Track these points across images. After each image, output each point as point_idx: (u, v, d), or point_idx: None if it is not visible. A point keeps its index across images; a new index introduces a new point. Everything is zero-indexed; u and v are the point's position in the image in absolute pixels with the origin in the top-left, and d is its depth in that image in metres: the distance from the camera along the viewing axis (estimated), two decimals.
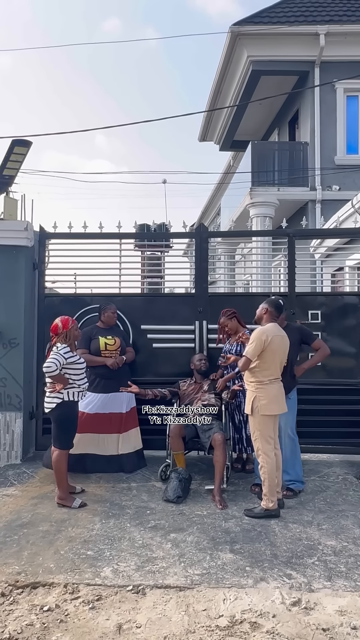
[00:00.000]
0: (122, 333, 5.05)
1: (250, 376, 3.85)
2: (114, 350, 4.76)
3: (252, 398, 3.81)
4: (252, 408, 3.79)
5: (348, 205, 7.40)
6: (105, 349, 4.73)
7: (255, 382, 3.82)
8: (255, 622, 2.50)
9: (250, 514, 3.76)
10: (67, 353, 3.97)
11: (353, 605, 2.64)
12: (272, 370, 3.82)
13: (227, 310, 4.80)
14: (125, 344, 4.94)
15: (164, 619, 2.54)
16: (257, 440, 3.81)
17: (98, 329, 4.87)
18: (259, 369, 3.79)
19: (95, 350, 4.70)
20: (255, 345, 3.75)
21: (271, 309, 3.94)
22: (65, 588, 2.81)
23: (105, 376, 4.67)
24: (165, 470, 4.50)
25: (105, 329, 4.88)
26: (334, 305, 5.38)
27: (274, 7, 11.16)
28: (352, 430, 5.18)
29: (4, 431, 5.09)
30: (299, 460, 4.32)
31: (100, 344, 4.72)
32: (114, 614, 2.59)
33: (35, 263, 5.45)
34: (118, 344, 4.79)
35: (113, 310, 4.92)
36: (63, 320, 4.10)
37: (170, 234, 5.92)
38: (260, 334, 3.78)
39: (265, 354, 3.76)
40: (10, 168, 5.34)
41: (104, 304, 4.97)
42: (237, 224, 7.74)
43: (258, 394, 3.78)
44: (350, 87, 11.05)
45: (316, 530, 3.56)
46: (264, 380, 3.79)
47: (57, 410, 3.97)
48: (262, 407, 3.76)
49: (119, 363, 4.70)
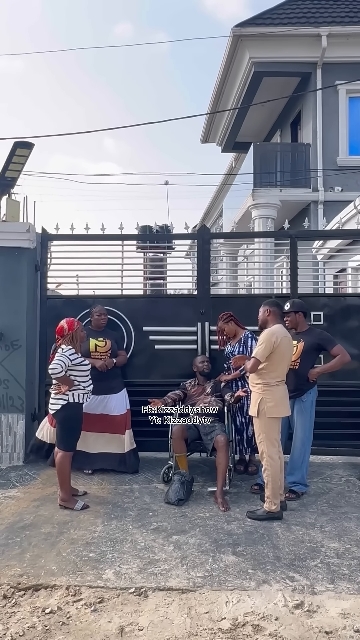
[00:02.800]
0: (115, 336, 5.02)
1: (257, 378, 3.82)
2: (104, 352, 4.76)
3: (258, 400, 3.78)
4: (259, 410, 3.76)
5: (350, 206, 7.38)
6: (95, 351, 4.73)
7: (262, 384, 3.79)
8: (257, 625, 2.49)
9: (253, 515, 3.75)
10: (72, 355, 3.97)
11: (356, 608, 2.62)
12: (279, 372, 3.81)
13: (224, 314, 4.80)
14: (117, 346, 4.92)
15: (166, 621, 2.53)
16: (263, 442, 3.79)
17: (90, 330, 4.87)
18: (267, 371, 3.77)
19: (85, 351, 4.68)
20: (265, 346, 3.72)
21: (273, 309, 3.93)
22: (67, 590, 2.80)
23: (95, 378, 4.61)
24: (168, 472, 4.49)
25: (97, 330, 4.88)
26: (337, 306, 5.37)
27: (276, 8, 11.17)
28: (355, 432, 5.15)
29: (6, 433, 5.09)
30: (307, 463, 4.30)
31: (90, 345, 4.72)
32: (116, 616, 2.58)
33: (38, 265, 5.45)
34: (109, 346, 4.79)
35: (99, 312, 4.89)
36: (69, 322, 4.10)
37: (173, 236, 5.92)
38: (270, 335, 3.76)
39: (273, 356, 3.74)
40: (13, 170, 5.35)
41: (92, 306, 4.98)
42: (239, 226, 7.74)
43: (265, 396, 3.75)
44: (353, 88, 11.03)
45: (319, 532, 3.54)
46: (271, 382, 3.77)
47: (62, 411, 3.97)
48: (268, 409, 3.74)
49: (108, 365, 4.67)
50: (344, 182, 10.87)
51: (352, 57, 10.78)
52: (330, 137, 11.10)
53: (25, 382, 5.12)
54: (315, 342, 4.26)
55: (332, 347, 4.27)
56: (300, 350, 4.21)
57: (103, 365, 4.66)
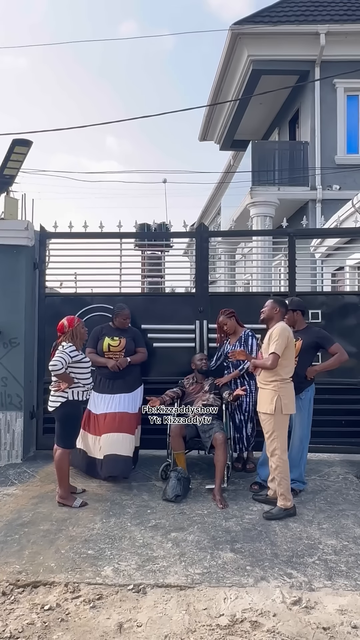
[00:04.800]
0: (133, 333, 4.90)
1: (271, 375, 3.78)
2: (118, 351, 4.67)
3: (274, 397, 3.73)
4: (275, 408, 3.72)
5: (348, 204, 7.40)
6: (109, 350, 4.67)
7: (278, 381, 3.76)
8: (255, 621, 2.50)
9: (271, 516, 3.72)
10: (72, 352, 3.98)
11: (353, 604, 2.64)
12: (291, 367, 3.84)
13: (226, 309, 4.81)
14: (135, 344, 4.81)
15: (165, 618, 2.55)
16: (276, 440, 3.76)
17: (109, 329, 4.81)
18: (281, 366, 3.76)
19: (100, 350, 4.67)
20: (281, 340, 3.71)
21: (282, 309, 3.96)
22: (66, 587, 2.81)
23: (109, 377, 4.61)
24: (166, 469, 4.50)
25: (115, 329, 4.81)
26: (335, 304, 5.38)
27: (274, 6, 11.15)
28: (353, 430, 5.18)
29: (4, 430, 5.10)
30: (305, 460, 4.31)
31: (104, 344, 4.68)
32: (114, 613, 2.59)
33: (36, 262, 5.45)
34: (123, 345, 4.69)
35: (124, 316, 4.78)
36: (69, 319, 4.13)
37: (171, 234, 5.92)
38: (283, 329, 3.77)
39: (287, 351, 3.76)
40: (11, 168, 5.35)
41: (118, 308, 4.83)
42: (237, 224, 7.74)
43: (281, 393, 3.73)
44: (351, 86, 11.06)
45: (317, 529, 3.56)
46: (286, 378, 3.78)
47: (61, 409, 3.97)
48: (284, 406, 3.73)
49: (120, 365, 4.58)
50: (342, 180, 10.89)
51: (351, 55, 10.77)
52: (329, 135, 11.11)
53: (23, 380, 5.13)
54: (313, 341, 4.28)
55: (330, 346, 4.28)
56: (299, 348, 4.22)
57: (115, 365, 4.56)
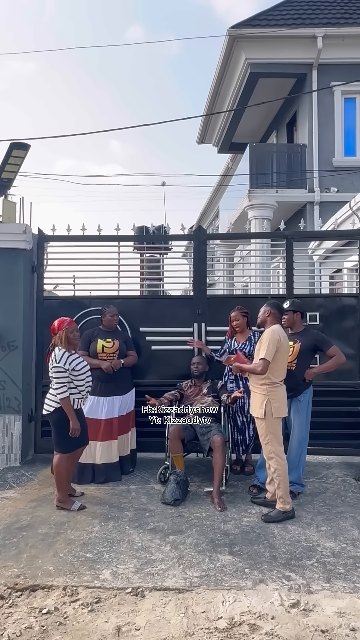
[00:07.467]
0: (124, 336, 4.98)
1: (261, 378, 3.79)
2: (112, 353, 4.70)
3: (264, 401, 3.76)
4: (265, 411, 3.74)
5: (346, 207, 7.41)
6: (103, 352, 4.69)
7: (267, 385, 3.78)
8: (254, 624, 2.50)
9: (269, 519, 3.72)
10: (66, 359, 3.92)
11: (352, 607, 2.64)
12: (281, 371, 3.83)
13: (242, 307, 4.84)
14: (126, 347, 4.86)
15: (163, 621, 2.54)
16: (270, 443, 3.78)
17: (100, 331, 4.83)
18: (271, 370, 3.77)
19: (93, 352, 4.68)
20: (271, 345, 3.72)
21: (274, 311, 3.96)
22: (65, 591, 2.81)
23: (103, 379, 4.62)
24: (165, 472, 4.50)
25: (107, 331, 4.84)
26: (332, 306, 5.39)
27: (272, 9, 11.21)
28: (351, 432, 5.18)
29: (2, 434, 5.09)
30: (303, 463, 4.31)
31: (97, 346, 4.70)
32: (113, 616, 2.59)
33: (34, 266, 5.46)
34: (116, 347, 4.73)
35: (112, 313, 4.84)
36: (59, 322, 4.06)
37: (169, 237, 5.93)
38: (273, 334, 3.77)
39: (277, 355, 3.76)
40: (9, 171, 5.37)
41: (104, 307, 4.91)
42: (235, 226, 7.75)
43: (270, 397, 3.75)
44: (348, 89, 11.07)
45: (315, 532, 3.56)
46: (276, 381, 3.79)
47: (55, 414, 3.94)
48: (275, 409, 3.74)
49: (114, 367, 4.62)
50: (340, 183, 10.91)
51: (348, 58, 10.85)
52: (326, 138, 11.14)
53: (21, 383, 5.13)
54: (311, 343, 4.29)
55: (328, 348, 4.29)
56: (297, 350, 4.23)
57: (109, 367, 4.60)
